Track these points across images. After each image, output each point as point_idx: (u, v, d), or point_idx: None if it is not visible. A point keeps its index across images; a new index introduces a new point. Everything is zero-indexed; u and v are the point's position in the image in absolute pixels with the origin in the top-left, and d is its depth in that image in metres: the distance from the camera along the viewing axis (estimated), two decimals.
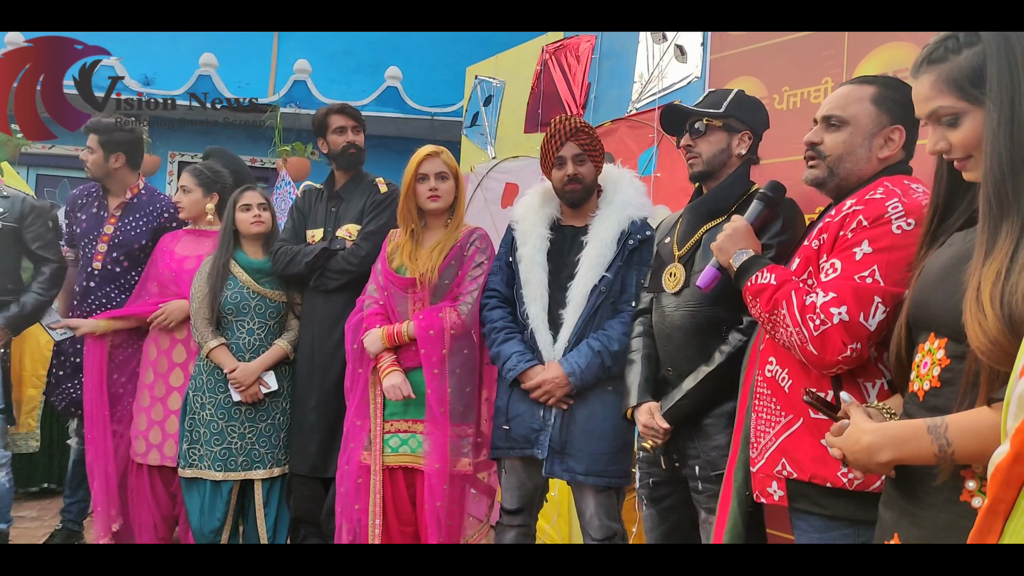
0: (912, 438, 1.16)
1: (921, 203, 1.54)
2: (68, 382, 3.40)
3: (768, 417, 1.74)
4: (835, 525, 1.62)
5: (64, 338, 3.39)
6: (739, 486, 1.81)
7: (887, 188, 1.60)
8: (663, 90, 3.28)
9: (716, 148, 2.12)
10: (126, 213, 3.41)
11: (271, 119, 6.41)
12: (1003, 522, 0.77)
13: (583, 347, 2.41)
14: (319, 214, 3.14)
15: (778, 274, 1.72)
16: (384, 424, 2.67)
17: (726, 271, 1.87)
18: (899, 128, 1.69)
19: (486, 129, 4.46)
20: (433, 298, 2.68)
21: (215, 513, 3.03)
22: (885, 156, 1.70)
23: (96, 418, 3.16)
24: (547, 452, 2.42)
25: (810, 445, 1.63)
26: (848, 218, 1.60)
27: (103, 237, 3.36)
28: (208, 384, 3.04)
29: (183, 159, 7.21)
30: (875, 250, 1.55)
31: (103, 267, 3.33)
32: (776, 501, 1.70)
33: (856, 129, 1.70)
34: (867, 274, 1.54)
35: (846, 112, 1.72)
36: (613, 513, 2.45)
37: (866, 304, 1.53)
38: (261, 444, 3.04)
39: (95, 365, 3.18)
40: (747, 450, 1.81)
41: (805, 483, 1.64)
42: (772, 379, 1.74)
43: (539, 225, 2.57)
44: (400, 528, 2.68)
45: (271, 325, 3.09)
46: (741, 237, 1.86)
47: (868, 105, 1.70)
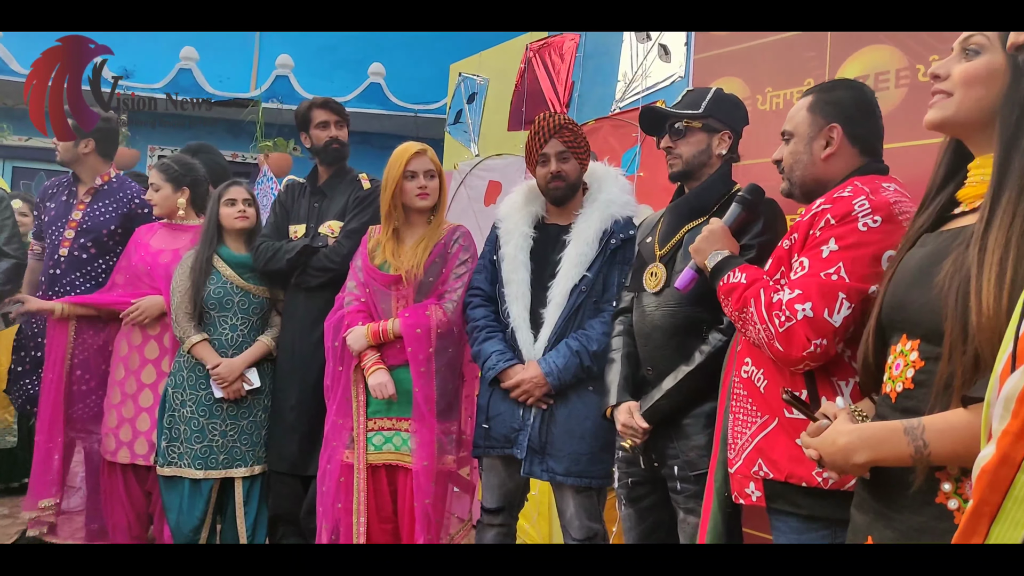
0: (888, 439, 1.16)
1: (890, 200, 1.58)
2: (27, 378, 3.33)
3: (745, 418, 1.75)
4: (812, 526, 1.63)
5: (11, 314, 3.29)
6: (719, 487, 1.83)
7: (856, 187, 1.63)
8: (647, 89, 3.28)
9: (696, 149, 2.14)
10: (95, 199, 3.36)
11: (252, 114, 6.36)
12: (988, 524, 0.77)
13: (562, 347, 2.41)
14: (302, 209, 3.11)
15: (749, 273, 1.75)
16: (367, 422, 2.66)
17: (704, 273, 1.89)
18: (834, 126, 1.76)
19: (469, 126, 4.45)
20: (417, 295, 2.66)
21: (194, 512, 2.99)
22: (827, 155, 1.76)
23: (50, 397, 3.12)
24: (526, 452, 2.42)
25: (786, 445, 1.65)
26: (817, 217, 1.64)
27: (71, 223, 3.31)
28: (189, 380, 3.00)
29: (163, 153, 7.13)
30: (841, 247, 1.58)
31: (69, 253, 3.27)
32: (754, 502, 1.72)
33: (798, 138, 1.81)
34: (833, 271, 1.57)
35: (791, 124, 1.83)
36: (594, 513, 2.45)
37: (831, 300, 1.55)
38: (243, 442, 3.02)
39: (56, 350, 3.13)
40: (725, 451, 1.82)
41: (782, 483, 1.66)
42: (748, 379, 1.76)
43: (522, 224, 2.56)
44: (380, 526, 2.67)
45: (254, 321, 3.07)
46: (717, 239, 1.89)
47: (805, 113, 1.80)
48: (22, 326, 3.40)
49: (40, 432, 3.14)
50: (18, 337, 3.40)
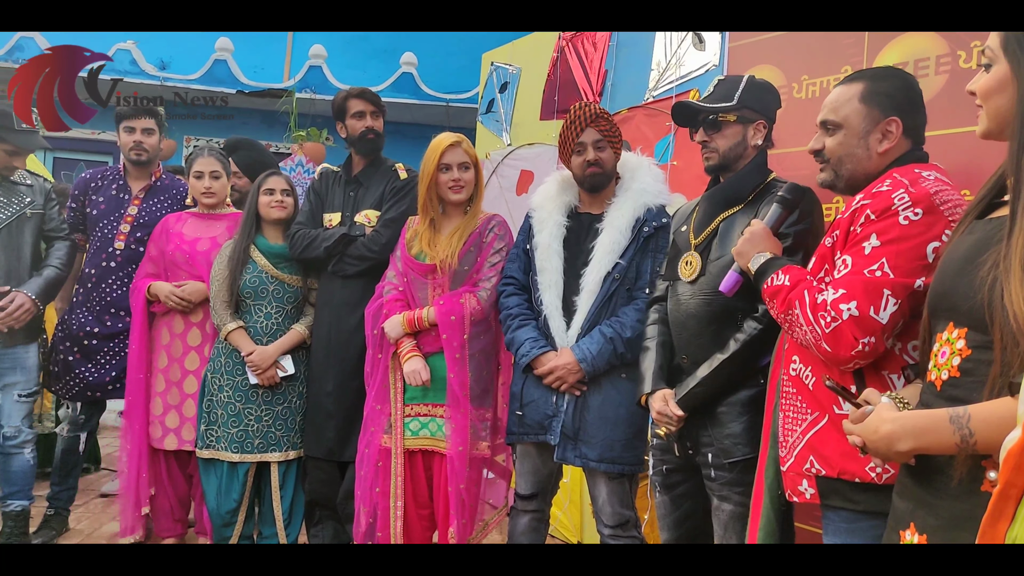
0: (933, 428, 1.16)
1: (930, 191, 1.54)
2: (80, 367, 3.37)
3: (795, 415, 1.74)
4: (863, 517, 1.62)
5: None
6: (770, 484, 1.82)
7: (894, 179, 1.60)
8: (681, 78, 3.27)
9: (732, 142, 2.13)
10: (150, 195, 3.47)
11: (287, 104, 6.42)
12: (1015, 506, 0.78)
13: (595, 334, 2.43)
14: (336, 198, 3.15)
15: (792, 275, 1.73)
16: (404, 408, 2.71)
17: (747, 274, 1.89)
18: (894, 120, 1.69)
19: (501, 116, 4.46)
20: (452, 284, 2.69)
21: (231, 494, 3.07)
22: (885, 149, 1.70)
23: (136, 395, 3.19)
24: (559, 438, 2.45)
25: (836, 441, 1.63)
26: (857, 213, 1.61)
27: (127, 218, 3.41)
28: (226, 366, 3.08)
29: (198, 143, 7.25)
30: (883, 243, 1.55)
31: (126, 247, 3.38)
32: (808, 499, 1.70)
33: (850, 130, 1.72)
34: (876, 267, 1.55)
35: (838, 115, 1.74)
36: (626, 500, 2.47)
37: (876, 298, 1.53)
38: (277, 427, 3.08)
39: (139, 346, 3.21)
40: (776, 448, 1.81)
41: (834, 479, 1.65)
42: (796, 377, 1.75)
43: (556, 213, 2.58)
44: (417, 511, 2.72)
45: (288, 310, 3.12)
46: (759, 240, 1.88)
47: (857, 104, 1.72)
48: (65, 316, 3.47)
49: (132, 444, 3.20)
50: (64, 326, 3.46)
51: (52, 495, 3.52)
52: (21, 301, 3.11)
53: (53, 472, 3.54)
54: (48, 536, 3.42)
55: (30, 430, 3.23)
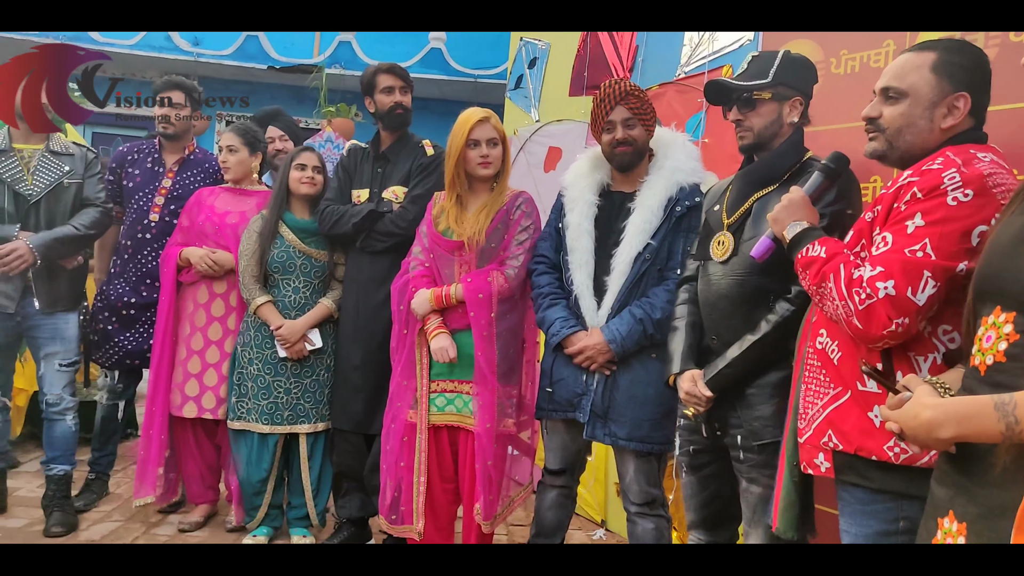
0: (977, 415, 1.13)
1: (983, 172, 1.49)
2: (119, 335, 3.45)
3: (817, 388, 1.72)
4: (879, 498, 1.61)
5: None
6: (789, 455, 1.81)
7: (947, 158, 1.54)
8: (713, 53, 3.20)
9: (767, 120, 2.07)
10: (184, 168, 3.52)
11: (316, 80, 6.43)
12: None
13: (625, 314, 2.41)
14: (364, 174, 3.16)
15: (829, 247, 1.69)
16: (430, 384, 2.72)
17: (780, 242, 1.85)
18: (963, 95, 1.61)
19: (530, 92, 4.42)
20: (479, 261, 2.69)
21: (262, 464, 3.14)
22: (949, 125, 1.62)
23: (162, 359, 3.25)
24: (589, 416, 2.44)
25: (857, 417, 1.62)
26: (903, 190, 1.56)
27: (161, 191, 3.47)
28: (256, 340, 3.12)
29: (230, 119, 7.30)
30: (928, 223, 1.50)
31: (160, 219, 3.43)
32: (823, 472, 1.69)
33: (916, 100, 1.63)
34: (918, 248, 1.50)
35: (904, 83, 1.64)
36: (653, 479, 2.46)
37: (915, 278, 1.49)
38: (306, 399, 3.13)
39: (165, 314, 3.25)
40: (796, 420, 1.80)
41: (851, 455, 1.63)
42: (822, 351, 1.72)
43: (587, 191, 2.55)
44: (442, 485, 2.74)
45: (316, 284, 3.15)
46: (797, 208, 1.83)
47: (927, 74, 1.62)
48: (103, 286, 3.53)
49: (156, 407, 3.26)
50: (103, 296, 3.52)
51: (93, 460, 3.63)
52: (17, 248, 3.03)
53: (93, 438, 3.64)
54: (89, 499, 3.52)
55: (72, 398, 3.30)
